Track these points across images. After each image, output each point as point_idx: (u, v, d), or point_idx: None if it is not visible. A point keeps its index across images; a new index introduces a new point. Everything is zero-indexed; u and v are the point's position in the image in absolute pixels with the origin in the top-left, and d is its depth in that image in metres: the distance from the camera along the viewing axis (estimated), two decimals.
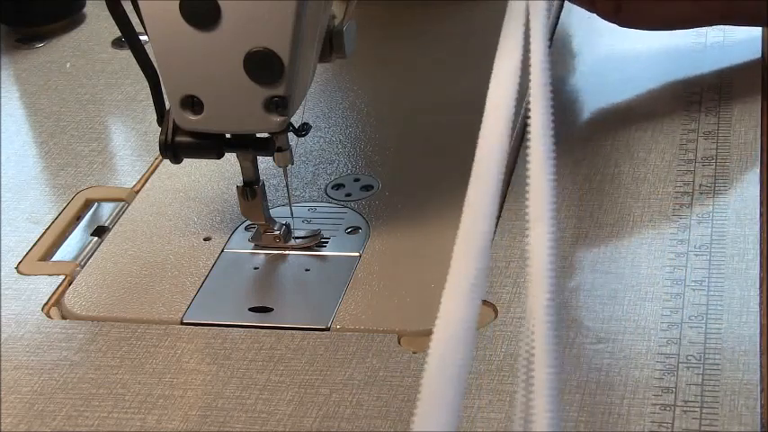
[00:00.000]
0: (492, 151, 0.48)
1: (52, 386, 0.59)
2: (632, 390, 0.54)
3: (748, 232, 0.64)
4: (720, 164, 0.70)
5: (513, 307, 0.60)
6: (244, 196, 0.65)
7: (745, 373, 0.54)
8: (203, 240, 0.69)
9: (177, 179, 0.75)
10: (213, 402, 0.57)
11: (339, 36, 0.63)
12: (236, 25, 0.58)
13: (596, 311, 0.60)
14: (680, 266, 0.62)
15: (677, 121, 0.74)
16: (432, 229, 0.67)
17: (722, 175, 0.69)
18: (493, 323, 0.59)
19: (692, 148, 0.71)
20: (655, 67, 0.81)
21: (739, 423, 0.52)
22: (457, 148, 0.75)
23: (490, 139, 0.48)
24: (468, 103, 0.80)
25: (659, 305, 0.59)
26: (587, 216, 0.67)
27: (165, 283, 0.65)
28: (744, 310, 0.58)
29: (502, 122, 0.48)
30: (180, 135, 0.62)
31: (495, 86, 0.49)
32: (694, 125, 0.74)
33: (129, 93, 0.86)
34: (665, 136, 0.73)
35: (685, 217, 0.66)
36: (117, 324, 0.63)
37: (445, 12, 0.91)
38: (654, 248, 0.64)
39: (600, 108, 0.79)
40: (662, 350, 0.56)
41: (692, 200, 0.67)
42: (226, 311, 0.63)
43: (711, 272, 0.61)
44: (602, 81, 0.81)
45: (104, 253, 0.69)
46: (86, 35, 0.96)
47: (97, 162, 0.78)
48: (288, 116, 0.60)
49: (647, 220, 0.66)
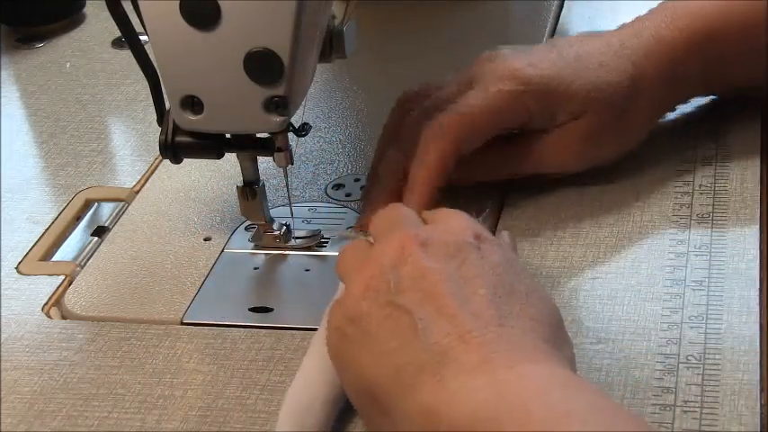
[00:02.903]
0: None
1: (52, 386, 0.59)
2: (632, 390, 0.54)
3: (748, 232, 0.64)
4: (720, 164, 0.70)
5: None
6: (244, 196, 0.65)
7: (745, 373, 0.54)
8: (203, 240, 0.69)
9: (177, 179, 0.75)
10: (213, 402, 0.57)
11: (339, 36, 0.63)
12: (237, 25, 0.58)
13: (596, 311, 0.60)
14: (680, 266, 0.62)
15: (677, 121, 0.74)
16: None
17: (722, 176, 0.68)
18: None
19: (691, 149, 0.71)
20: None
21: (739, 423, 0.52)
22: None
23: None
24: None
25: (659, 305, 0.59)
26: (587, 216, 0.67)
27: (165, 284, 0.65)
28: (744, 310, 0.58)
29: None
30: (180, 135, 0.62)
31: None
32: (694, 124, 0.74)
33: (129, 93, 0.86)
34: (665, 136, 0.73)
35: (685, 217, 0.66)
36: (117, 324, 0.63)
37: (445, 12, 0.91)
38: (654, 248, 0.64)
39: None
40: (662, 350, 0.56)
41: (692, 200, 0.67)
42: (226, 311, 0.63)
43: (711, 272, 0.61)
44: None
45: (104, 253, 0.69)
46: (86, 35, 0.96)
47: (97, 162, 0.78)
48: (288, 116, 0.60)
49: (647, 220, 0.66)
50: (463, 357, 0.48)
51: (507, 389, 0.46)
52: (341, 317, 0.52)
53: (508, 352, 0.48)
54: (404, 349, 0.49)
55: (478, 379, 0.47)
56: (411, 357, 0.49)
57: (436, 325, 0.49)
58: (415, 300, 0.50)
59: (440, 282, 0.50)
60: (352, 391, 0.53)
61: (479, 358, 0.47)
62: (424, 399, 0.47)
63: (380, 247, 0.53)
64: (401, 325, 0.50)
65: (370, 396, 0.51)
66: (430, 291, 0.50)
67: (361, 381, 0.51)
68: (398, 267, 0.51)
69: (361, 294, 0.52)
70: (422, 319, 0.49)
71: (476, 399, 0.46)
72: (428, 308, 0.50)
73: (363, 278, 0.52)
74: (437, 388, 0.47)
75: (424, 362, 0.48)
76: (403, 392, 0.48)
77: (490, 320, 0.49)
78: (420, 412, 0.47)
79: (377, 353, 0.50)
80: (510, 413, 0.45)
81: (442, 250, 0.52)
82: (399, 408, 0.49)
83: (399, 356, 0.49)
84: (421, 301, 0.50)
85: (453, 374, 0.47)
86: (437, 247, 0.52)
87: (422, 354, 0.48)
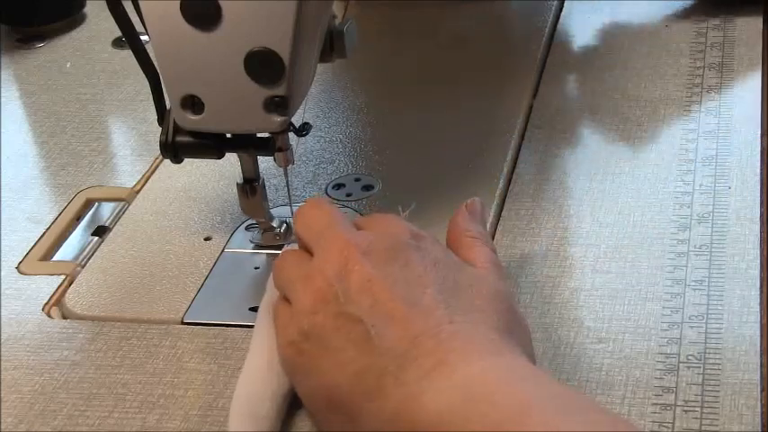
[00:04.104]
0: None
1: (53, 386, 0.59)
2: (633, 389, 0.54)
3: (748, 232, 0.64)
4: (720, 164, 0.70)
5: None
6: (244, 193, 0.65)
7: (745, 372, 0.55)
8: (204, 240, 0.69)
9: (177, 179, 0.75)
10: (213, 402, 0.57)
11: (339, 36, 0.63)
12: (237, 25, 0.58)
13: (596, 311, 0.60)
14: (680, 266, 0.62)
15: (678, 121, 0.74)
16: (431, 228, 0.67)
17: (722, 175, 0.69)
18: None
19: (692, 148, 0.71)
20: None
21: (739, 423, 0.52)
22: (457, 148, 0.75)
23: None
24: (468, 102, 0.80)
25: (659, 305, 0.59)
26: (587, 216, 0.67)
27: (166, 283, 0.65)
28: (744, 310, 0.58)
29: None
30: (180, 135, 0.62)
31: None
32: (695, 125, 0.74)
33: (129, 93, 0.86)
34: (665, 135, 0.73)
35: (685, 217, 0.66)
36: (118, 324, 0.63)
37: (445, 12, 0.91)
38: (654, 248, 0.64)
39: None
40: (662, 350, 0.57)
41: (692, 200, 0.67)
42: (226, 311, 0.63)
43: (711, 272, 0.61)
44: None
45: (105, 253, 0.69)
46: (86, 35, 0.96)
47: (97, 162, 0.78)
48: (288, 116, 0.60)
49: (648, 220, 0.66)
50: (421, 359, 0.49)
51: (469, 385, 0.47)
52: (294, 332, 0.53)
53: (463, 349, 0.49)
54: (361, 357, 0.50)
55: (439, 379, 0.48)
56: (369, 363, 0.50)
57: (389, 330, 0.50)
58: (364, 307, 0.51)
59: (386, 287, 0.51)
60: (312, 402, 0.53)
61: (436, 359, 0.48)
62: (390, 404, 0.48)
63: (322, 258, 0.54)
64: (355, 333, 0.51)
65: (333, 405, 0.51)
66: (378, 297, 0.51)
67: (321, 390, 0.52)
68: (344, 278, 0.52)
69: (311, 308, 0.52)
70: (374, 326, 0.50)
71: (441, 399, 0.47)
72: (378, 314, 0.50)
73: (311, 291, 0.53)
74: (401, 392, 0.48)
75: (383, 367, 0.49)
76: (366, 398, 0.50)
77: (441, 319, 0.50)
78: (388, 417, 0.48)
79: (335, 363, 0.51)
80: (476, 407, 0.46)
81: (384, 255, 0.53)
82: (366, 414, 0.50)
83: (358, 364, 0.50)
84: (371, 308, 0.51)
85: (414, 378, 0.48)
86: (379, 253, 0.53)
87: (379, 360, 0.49)
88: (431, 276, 0.52)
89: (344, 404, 0.51)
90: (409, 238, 0.55)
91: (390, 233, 0.55)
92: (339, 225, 0.56)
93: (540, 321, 0.59)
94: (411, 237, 0.55)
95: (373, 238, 0.54)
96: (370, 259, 0.53)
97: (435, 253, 0.54)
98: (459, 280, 0.53)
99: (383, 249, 0.53)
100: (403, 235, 0.55)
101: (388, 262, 0.53)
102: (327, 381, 0.51)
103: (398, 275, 0.52)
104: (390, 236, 0.55)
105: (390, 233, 0.55)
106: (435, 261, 0.54)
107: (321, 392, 0.52)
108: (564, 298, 0.61)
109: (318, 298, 0.52)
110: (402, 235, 0.55)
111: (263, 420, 0.54)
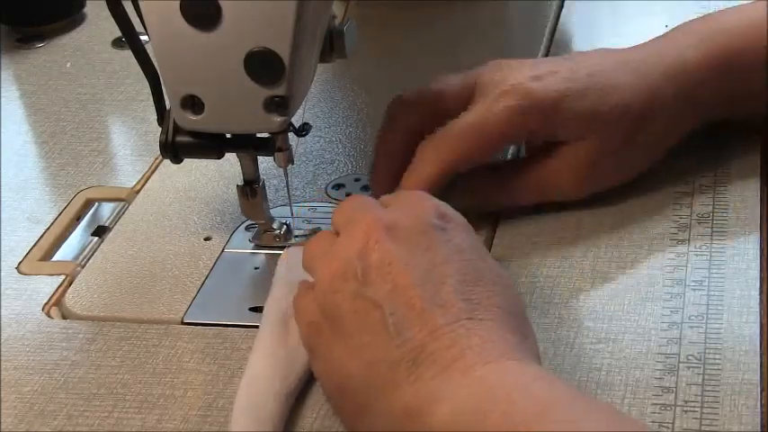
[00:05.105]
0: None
1: (53, 386, 0.59)
2: (633, 389, 0.54)
3: (748, 232, 0.64)
4: (720, 164, 0.70)
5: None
6: (244, 195, 0.65)
7: (745, 372, 0.55)
8: (203, 240, 0.69)
9: (177, 179, 0.75)
10: (213, 402, 0.57)
11: (339, 36, 0.63)
12: (237, 25, 0.58)
13: (596, 311, 0.60)
14: (680, 266, 0.62)
15: None
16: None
17: (722, 176, 0.68)
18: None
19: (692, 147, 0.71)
20: None
21: (739, 423, 0.52)
22: None
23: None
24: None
25: (659, 305, 0.59)
26: (587, 216, 0.67)
27: (166, 283, 0.65)
28: (744, 310, 0.58)
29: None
30: (180, 135, 0.62)
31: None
32: None
33: (129, 93, 0.86)
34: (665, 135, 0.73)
35: (685, 217, 0.66)
36: (117, 324, 0.63)
37: (445, 12, 0.91)
38: (654, 248, 0.64)
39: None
40: (662, 350, 0.56)
41: (692, 200, 0.67)
42: (226, 311, 0.63)
43: (711, 272, 0.61)
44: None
45: (105, 253, 0.69)
46: (86, 35, 0.96)
47: (97, 162, 0.78)
48: (288, 116, 0.60)
49: (648, 220, 0.66)
50: (437, 354, 0.48)
51: (486, 384, 0.47)
52: (313, 310, 0.53)
53: (480, 347, 0.48)
54: (376, 344, 0.50)
55: (456, 376, 0.47)
56: (384, 354, 0.49)
57: (407, 320, 0.49)
58: (382, 292, 0.50)
59: (407, 271, 0.51)
60: (325, 386, 0.53)
61: (453, 355, 0.48)
62: (404, 398, 0.48)
63: (347, 235, 0.54)
64: (372, 319, 0.50)
65: (344, 393, 0.51)
66: (397, 282, 0.50)
67: (334, 376, 0.52)
68: (365, 255, 0.52)
69: (330, 285, 0.52)
70: (392, 314, 0.50)
71: (457, 396, 0.47)
72: (397, 301, 0.50)
73: (330, 269, 0.52)
74: (416, 387, 0.48)
75: (398, 359, 0.49)
76: (378, 390, 0.49)
77: (460, 313, 0.50)
78: (402, 412, 0.48)
79: (350, 347, 0.51)
80: (495, 406, 0.45)
81: (407, 236, 0.53)
82: (377, 407, 0.49)
83: (372, 352, 0.50)
84: (389, 294, 0.50)
85: (429, 372, 0.48)
86: (402, 234, 0.53)
87: (394, 351, 0.49)
88: (453, 266, 0.52)
89: (355, 393, 0.50)
90: (435, 218, 0.54)
91: (416, 214, 0.54)
92: (369, 209, 0.56)
93: (540, 321, 0.59)
94: (437, 216, 0.54)
95: (399, 215, 0.54)
96: (393, 238, 0.52)
97: (461, 239, 0.54)
98: (482, 274, 0.52)
99: (407, 230, 0.53)
100: (429, 215, 0.54)
101: (410, 244, 0.52)
102: (341, 365, 0.51)
103: (420, 260, 0.51)
104: (416, 217, 0.54)
105: (416, 214, 0.54)
106: (460, 249, 0.53)
107: (334, 378, 0.52)
108: (564, 298, 0.61)
109: (338, 275, 0.52)
110: (428, 215, 0.54)
111: (265, 421, 0.53)
